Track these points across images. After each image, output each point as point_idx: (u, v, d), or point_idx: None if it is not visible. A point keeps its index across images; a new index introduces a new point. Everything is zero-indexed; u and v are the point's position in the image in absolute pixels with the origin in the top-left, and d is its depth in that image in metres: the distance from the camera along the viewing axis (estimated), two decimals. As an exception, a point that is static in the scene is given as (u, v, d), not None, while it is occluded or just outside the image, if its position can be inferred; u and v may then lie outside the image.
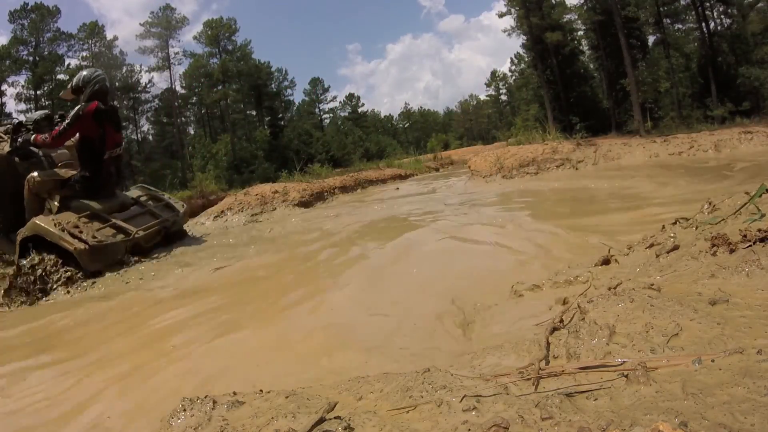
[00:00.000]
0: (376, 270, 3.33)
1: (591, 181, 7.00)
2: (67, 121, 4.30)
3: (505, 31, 30.03)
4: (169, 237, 4.83)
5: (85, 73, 4.55)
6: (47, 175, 4.52)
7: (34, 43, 32.95)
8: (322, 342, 2.14)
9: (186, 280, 3.63)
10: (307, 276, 3.47)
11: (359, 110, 53.48)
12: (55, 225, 3.96)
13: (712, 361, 0.93)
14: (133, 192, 5.25)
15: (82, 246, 3.84)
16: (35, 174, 4.46)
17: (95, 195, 4.49)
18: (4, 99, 32.01)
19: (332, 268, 3.57)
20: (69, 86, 4.56)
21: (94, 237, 3.99)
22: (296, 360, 2.00)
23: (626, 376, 0.95)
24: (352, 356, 1.94)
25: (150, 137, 41.10)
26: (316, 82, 51.49)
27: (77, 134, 4.42)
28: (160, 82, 48.38)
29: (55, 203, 4.45)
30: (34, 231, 4.03)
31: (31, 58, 32.55)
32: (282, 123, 43.20)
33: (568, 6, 28.24)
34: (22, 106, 32.55)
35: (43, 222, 4.02)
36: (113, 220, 4.32)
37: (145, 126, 40.57)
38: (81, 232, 3.97)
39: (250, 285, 3.39)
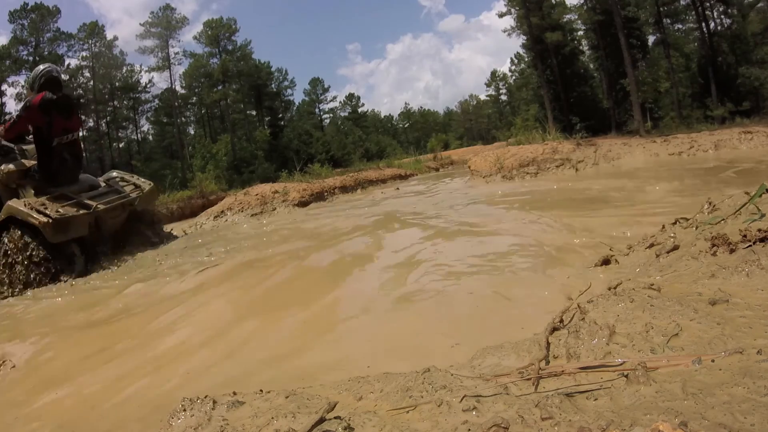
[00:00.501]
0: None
1: (591, 180, 7.00)
2: (17, 113, 4.74)
3: (505, 31, 30.07)
4: (137, 216, 5.23)
5: (41, 67, 4.84)
6: (14, 166, 4.85)
7: (34, 43, 32.93)
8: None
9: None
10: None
11: (359, 110, 53.48)
12: (24, 205, 4.34)
13: (712, 361, 0.93)
14: (105, 177, 5.61)
15: (45, 219, 4.16)
16: (2, 167, 4.81)
17: (54, 181, 4.76)
18: (4, 99, 32.00)
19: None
20: (28, 85, 4.91)
21: (57, 212, 4.28)
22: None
23: (626, 376, 0.95)
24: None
25: (150, 137, 41.08)
26: (316, 82, 51.50)
27: (30, 125, 4.78)
28: (160, 82, 48.36)
29: (31, 192, 4.76)
30: (8, 213, 4.38)
31: (31, 58, 32.50)
32: (282, 123, 43.16)
33: (568, 6, 28.25)
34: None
35: (15, 204, 4.39)
36: (78, 198, 4.64)
37: (145, 126, 40.56)
38: (46, 208, 4.28)
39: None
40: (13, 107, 32.24)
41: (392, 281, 2.85)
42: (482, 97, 61.75)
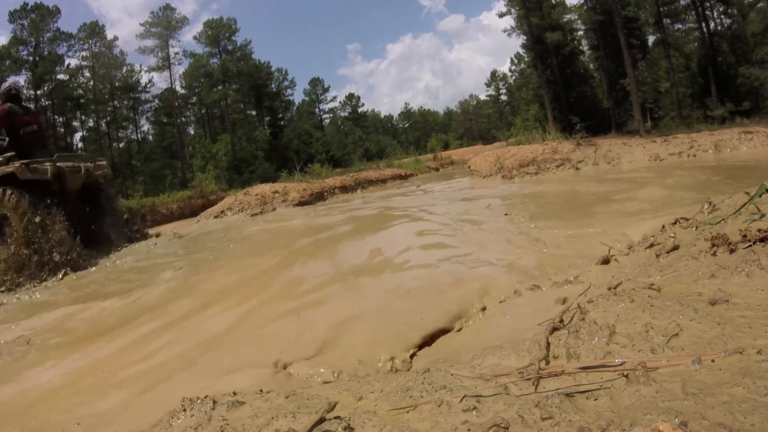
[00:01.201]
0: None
1: (590, 180, 7.00)
2: None
3: (505, 31, 29.98)
4: (93, 186, 6.66)
5: (6, 84, 7.16)
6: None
7: (34, 43, 32.84)
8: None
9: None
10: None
11: (359, 110, 53.38)
12: (4, 166, 5.73)
13: (712, 361, 0.93)
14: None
15: (18, 164, 5.62)
16: None
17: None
18: (4, 99, 31.90)
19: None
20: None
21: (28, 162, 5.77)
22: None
23: (626, 376, 0.95)
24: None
25: (150, 137, 40.94)
26: (316, 82, 51.40)
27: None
28: (160, 82, 48.23)
29: None
30: None
31: (31, 58, 32.44)
32: (282, 123, 43.06)
33: (568, 6, 28.16)
34: (22, 106, 32.44)
35: None
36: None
37: (145, 126, 40.39)
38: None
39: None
40: (12, 107, 32.10)
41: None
42: (482, 97, 61.59)
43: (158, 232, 7.62)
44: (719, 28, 24.69)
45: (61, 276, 4.95)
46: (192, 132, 42.05)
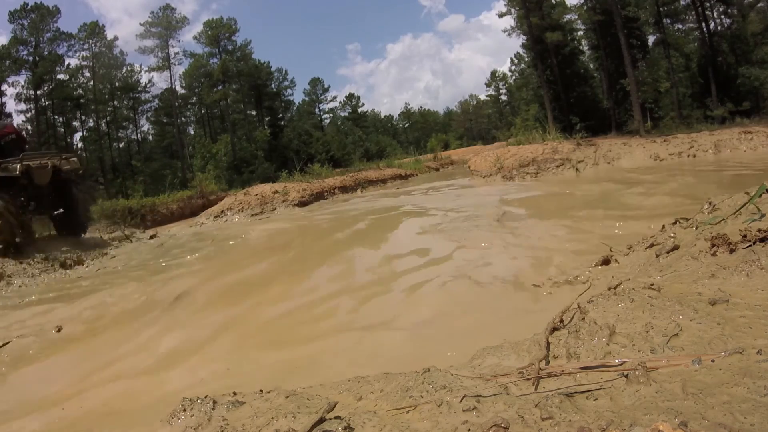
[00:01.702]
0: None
1: (590, 181, 6.99)
2: None
3: (505, 31, 29.97)
4: (64, 180, 7.22)
5: None
6: None
7: (34, 43, 32.83)
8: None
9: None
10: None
11: (359, 110, 53.38)
12: None
13: (712, 361, 0.93)
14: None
15: None
16: None
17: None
18: (4, 99, 31.89)
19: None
20: None
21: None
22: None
23: (626, 376, 0.95)
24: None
25: (150, 137, 40.90)
26: (315, 82, 51.37)
27: None
28: (160, 82, 48.14)
29: None
30: None
31: (31, 58, 32.42)
32: (282, 123, 43.02)
33: (568, 6, 28.14)
34: (22, 106, 32.45)
35: None
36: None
37: (145, 126, 40.36)
38: None
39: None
40: (13, 107, 32.22)
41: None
42: (482, 97, 61.57)
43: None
44: (719, 28, 24.69)
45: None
46: (192, 132, 42.06)
